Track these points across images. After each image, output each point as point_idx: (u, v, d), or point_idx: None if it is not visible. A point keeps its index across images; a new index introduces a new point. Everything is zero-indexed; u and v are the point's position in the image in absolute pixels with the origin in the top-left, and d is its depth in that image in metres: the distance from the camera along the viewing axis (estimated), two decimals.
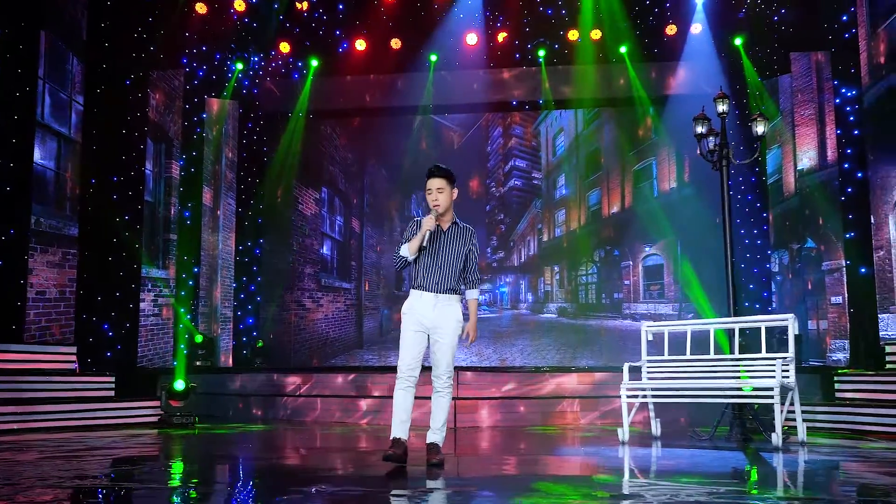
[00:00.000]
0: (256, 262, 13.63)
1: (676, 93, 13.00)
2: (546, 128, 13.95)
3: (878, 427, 8.02)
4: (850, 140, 10.82)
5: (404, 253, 5.62)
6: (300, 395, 10.94)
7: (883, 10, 9.84)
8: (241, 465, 6.30)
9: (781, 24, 12.33)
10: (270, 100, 13.97)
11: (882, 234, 9.84)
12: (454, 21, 13.25)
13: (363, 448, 7.55)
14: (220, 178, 13.28)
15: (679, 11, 12.65)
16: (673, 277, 13.09)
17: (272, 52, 13.73)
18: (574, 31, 13.08)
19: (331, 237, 13.89)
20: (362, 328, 13.61)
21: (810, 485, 4.76)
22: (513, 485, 5.01)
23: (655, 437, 7.84)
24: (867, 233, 10.14)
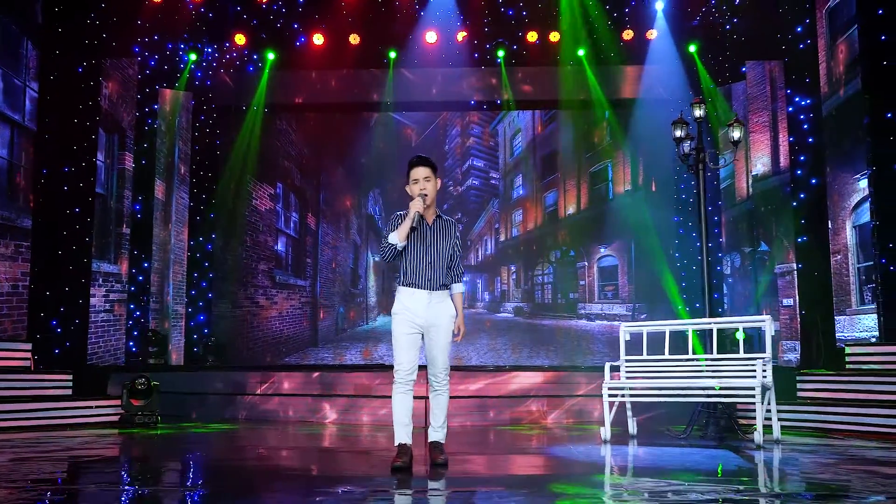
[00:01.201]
0: (209, 258, 13.34)
1: (634, 97, 13.24)
2: (504, 128, 14.04)
3: (842, 425, 8.31)
4: (805, 147, 11.19)
5: (393, 240, 5.39)
6: (265, 395, 10.76)
7: (841, 23, 10.20)
8: (215, 468, 6.16)
9: (734, 32, 12.66)
10: (225, 92, 13.69)
11: (839, 239, 10.21)
12: (414, 19, 13.22)
13: (349, 448, 7.48)
14: (173, 171, 12.95)
15: (639, 16, 12.88)
16: (627, 278, 13.33)
17: (227, 43, 13.45)
18: (533, 33, 13.18)
19: (286, 233, 13.69)
20: (317, 326, 13.45)
21: (813, 481, 4.90)
22: (526, 485, 5.02)
23: (632, 435, 7.96)
24: (824, 237, 10.50)
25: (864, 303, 9.79)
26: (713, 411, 7.88)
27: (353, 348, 13.31)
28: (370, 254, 13.80)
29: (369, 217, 13.86)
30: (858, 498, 4.08)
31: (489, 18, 13.17)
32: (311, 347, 13.36)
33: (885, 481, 4.74)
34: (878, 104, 9.62)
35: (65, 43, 11.35)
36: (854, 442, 7.42)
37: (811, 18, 11.07)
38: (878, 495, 4.16)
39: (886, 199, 9.42)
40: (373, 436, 8.53)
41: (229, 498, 4.48)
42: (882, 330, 9.33)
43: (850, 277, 9.98)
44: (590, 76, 13.23)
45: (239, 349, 13.16)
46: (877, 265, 9.44)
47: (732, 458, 6.20)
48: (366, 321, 13.59)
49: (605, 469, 5.82)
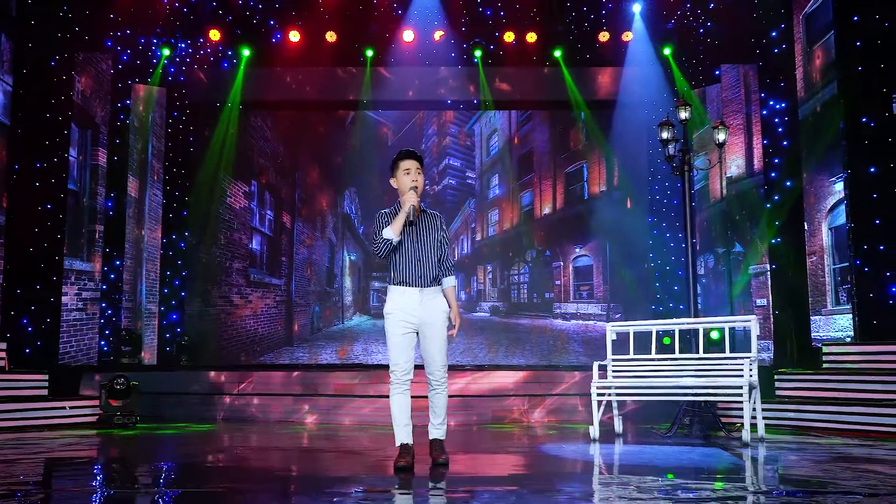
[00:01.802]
0: (182, 256, 13.17)
1: (610, 98, 13.34)
2: (480, 128, 14.06)
3: (819, 423, 8.48)
4: (779, 150, 11.39)
5: (388, 235, 5.28)
6: (244, 394, 10.67)
7: (818, 29, 10.39)
8: (207, 470, 6.09)
9: (708, 36, 12.83)
10: (199, 88, 13.52)
11: (815, 241, 10.40)
12: (391, 17, 13.18)
13: (346, 448, 7.44)
14: (146, 167, 12.76)
15: (617, 19, 12.98)
16: (602, 278, 13.44)
17: (201, 39, 13.29)
18: (510, 33, 13.22)
19: (260, 232, 13.56)
20: (293, 325, 13.35)
21: (811, 478, 4.98)
22: (529, 484, 5.03)
23: (618, 434, 8.04)
24: (799, 239, 10.69)
25: (839, 303, 9.98)
26: (697, 410, 7.98)
27: (329, 347, 13.24)
28: (346, 252, 13.74)
29: (345, 216, 13.79)
30: (856, 495, 4.17)
31: (467, 18, 13.18)
32: (285, 347, 13.25)
33: (880, 478, 4.84)
34: (854, 108, 9.81)
35: (38, 36, 11.14)
36: (835, 440, 7.57)
37: (787, 24, 11.26)
38: (871, 491, 4.25)
39: (861, 201, 9.62)
40: (359, 436, 8.50)
41: (231, 501, 4.44)
42: (857, 330, 9.53)
43: (825, 278, 10.17)
44: (567, 77, 13.31)
45: (212, 348, 13.01)
46: (851, 266, 9.63)
47: (726, 456, 6.28)
48: (341, 320, 13.52)
49: (603, 467, 5.86)
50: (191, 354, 12.66)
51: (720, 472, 5.39)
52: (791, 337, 10.71)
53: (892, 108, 9.47)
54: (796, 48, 10.85)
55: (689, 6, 12.74)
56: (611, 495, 4.24)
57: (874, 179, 9.56)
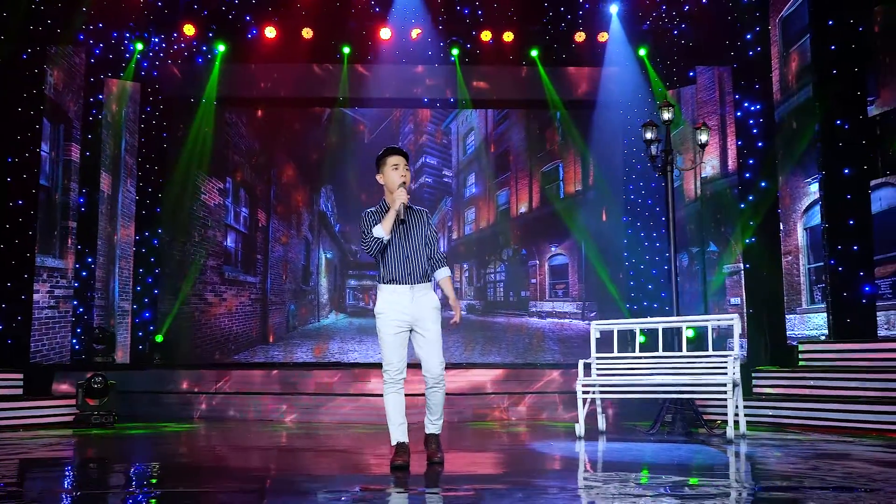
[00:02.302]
0: (155, 254, 12.99)
1: (586, 98, 13.43)
2: (457, 126, 14.07)
3: (796, 420, 8.65)
4: (754, 151, 11.53)
5: (378, 234, 5.25)
6: (223, 393, 10.59)
7: (794, 32, 10.57)
8: (196, 469, 6.04)
9: (683, 37, 12.96)
10: (173, 84, 13.36)
11: (791, 240, 10.57)
12: (368, 14, 13.14)
13: (326, 447, 7.41)
14: (119, 163, 12.59)
15: (594, 19, 13.05)
16: (578, 277, 13.53)
17: (175, 34, 13.12)
18: (487, 32, 13.24)
19: (235, 229, 13.44)
20: (268, 323, 13.25)
21: (803, 474, 5.07)
22: (523, 482, 5.06)
23: (602, 431, 8.11)
24: (773, 238, 10.86)
25: (814, 302, 10.16)
26: (679, 407, 8.08)
27: (305, 346, 13.17)
28: (322, 250, 13.67)
29: (321, 213, 13.72)
30: (851, 490, 4.26)
31: (444, 17, 13.17)
32: (260, 345, 13.16)
33: (872, 473, 4.95)
34: (829, 111, 10.00)
35: (9, 29, 10.93)
36: (813, 436, 7.71)
37: (762, 27, 11.42)
38: (871, 487, 4.35)
39: (836, 202, 9.80)
40: (342, 435, 8.48)
41: (232, 501, 4.40)
42: (831, 328, 9.71)
43: (800, 277, 10.35)
44: (543, 77, 13.37)
45: (186, 347, 12.87)
46: (826, 266, 9.81)
47: (714, 452, 6.38)
48: (317, 318, 13.46)
49: (599, 465, 5.90)
50: (164, 353, 12.55)
51: (714, 468, 5.47)
52: (765, 335, 10.87)
53: (866, 111, 9.67)
54: (773, 51, 11.02)
55: (665, 8, 12.86)
56: (613, 492, 4.28)
57: (848, 181, 9.76)
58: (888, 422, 7.91)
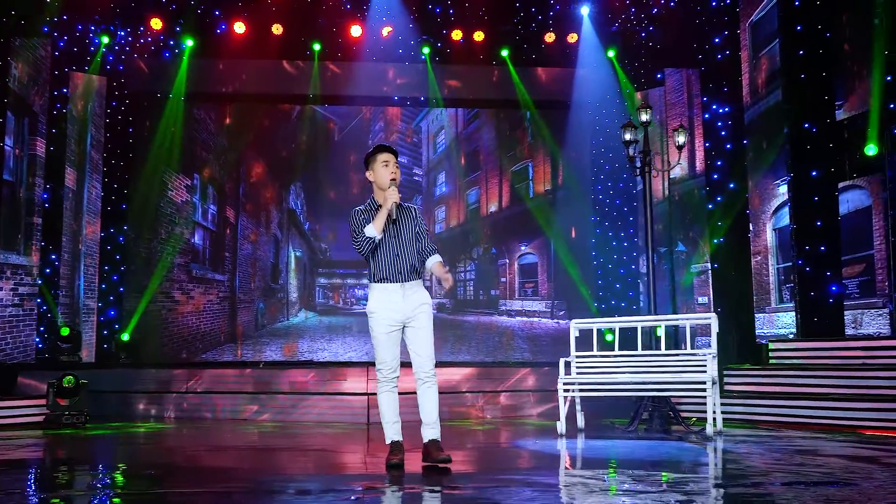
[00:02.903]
0: (121, 251, 12.78)
1: (556, 98, 13.53)
2: (427, 125, 14.08)
3: (768, 417, 8.84)
4: (722, 153, 11.75)
5: (371, 233, 5.23)
6: (194, 392, 10.47)
7: (763, 38, 10.79)
8: (183, 469, 5.97)
9: (651, 40, 13.15)
10: (139, 78, 13.15)
11: (760, 241, 10.79)
12: (339, 11, 13.09)
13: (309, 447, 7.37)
14: (85, 158, 12.36)
15: (565, 20, 13.16)
16: (547, 276, 13.64)
17: (141, 27, 12.94)
18: (458, 31, 13.28)
19: (203, 226, 13.27)
20: (236, 322, 13.11)
21: (792, 469, 5.20)
22: (516, 479, 5.10)
23: (581, 429, 8.19)
24: (742, 239, 11.07)
25: (783, 301, 10.39)
26: (657, 405, 8.20)
27: (274, 344, 13.06)
28: (292, 248, 13.57)
29: (291, 211, 13.62)
30: (839, 484, 4.38)
31: (415, 15, 13.17)
32: (229, 344, 13.02)
33: (857, 468, 5.09)
34: (797, 114, 10.24)
35: None
36: (786, 432, 7.89)
37: (730, 31, 11.64)
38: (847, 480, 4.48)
39: (804, 204, 10.04)
40: (321, 434, 8.44)
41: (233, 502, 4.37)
42: (799, 327, 9.94)
43: (769, 277, 10.57)
44: (514, 77, 13.45)
45: (152, 346, 12.67)
46: (794, 266, 10.04)
47: (699, 449, 6.49)
48: (286, 317, 13.36)
49: (590, 461, 5.97)
50: (130, 352, 12.35)
51: (706, 464, 5.57)
52: (732, 334, 11.08)
53: (834, 115, 9.91)
54: (743, 55, 11.23)
55: (634, 11, 13.03)
56: (614, 488, 4.34)
57: (816, 183, 10.00)
58: (858, 418, 8.14)
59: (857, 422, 8.15)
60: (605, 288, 13.35)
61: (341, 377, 10.35)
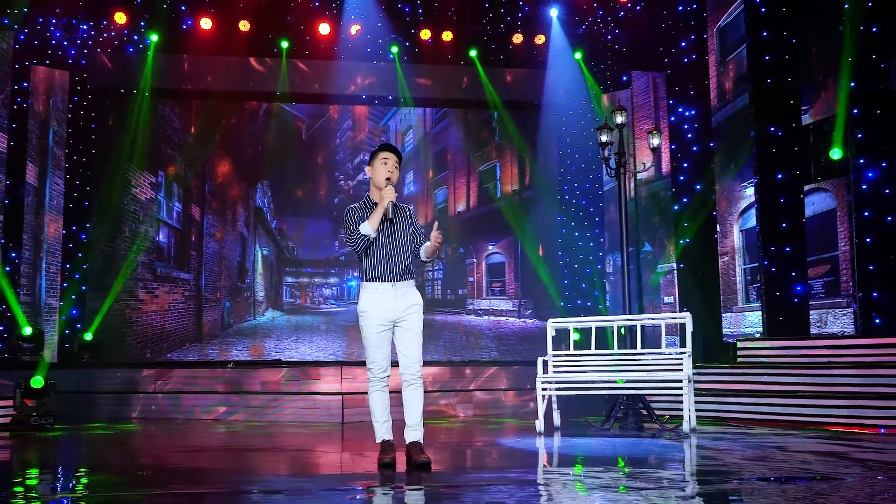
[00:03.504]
0: (83, 249, 12.55)
1: (524, 99, 13.64)
2: (395, 124, 14.09)
3: (737, 414, 9.02)
4: (688, 155, 11.96)
5: (366, 231, 5.19)
6: (162, 392, 10.33)
7: (731, 43, 11.01)
8: (172, 470, 5.91)
9: (617, 43, 13.34)
10: (103, 73, 12.95)
11: (727, 242, 11.01)
12: (307, 9, 13.02)
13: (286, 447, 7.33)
14: (47, 154, 12.11)
15: (534, 22, 13.26)
16: (514, 275, 13.74)
17: (105, 21, 12.73)
18: (426, 31, 13.31)
19: (168, 224, 13.10)
20: (202, 321, 12.97)
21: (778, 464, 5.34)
22: (508, 477, 5.14)
23: (557, 427, 8.27)
24: (709, 239, 11.27)
25: (749, 301, 10.61)
26: (632, 403, 8.32)
27: (240, 344, 12.95)
28: (258, 247, 13.47)
29: (258, 209, 13.51)
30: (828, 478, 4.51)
31: (384, 14, 13.16)
32: (194, 343, 12.87)
33: (843, 464, 5.24)
34: (763, 118, 10.45)
35: None
36: (758, 429, 8.07)
37: (697, 35, 11.84)
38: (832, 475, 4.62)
39: (770, 206, 10.25)
40: (299, 434, 8.40)
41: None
42: (765, 326, 10.16)
43: (736, 277, 10.79)
44: (482, 77, 13.52)
45: (117, 345, 12.48)
46: (760, 267, 10.26)
47: (680, 446, 6.60)
48: (253, 316, 13.26)
49: (577, 459, 6.03)
50: (93, 352, 12.13)
51: (693, 461, 5.68)
52: (700, 333, 11.26)
53: (800, 119, 10.15)
54: (710, 59, 11.44)
55: (601, 13, 13.19)
56: (623, 487, 4.40)
57: (782, 185, 10.22)
58: (825, 415, 8.35)
59: (823, 418, 8.35)
60: (571, 287, 13.50)
61: (315, 377, 10.29)
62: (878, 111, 9.42)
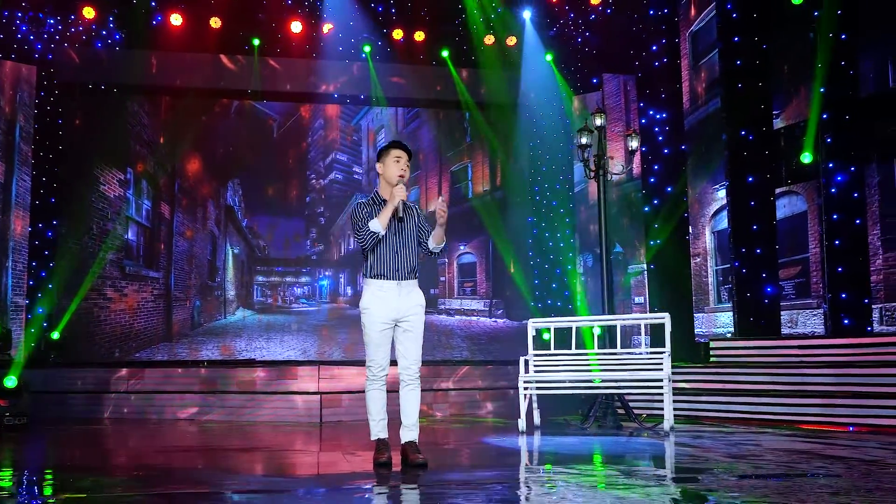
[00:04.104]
0: (50, 246, 12.30)
1: (494, 100, 13.68)
2: (367, 123, 14.06)
3: (711, 413, 9.20)
4: (659, 157, 12.12)
5: (375, 228, 5.24)
6: (136, 392, 10.24)
7: (703, 48, 11.21)
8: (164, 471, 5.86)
9: (587, 45, 13.46)
10: (71, 68, 12.71)
11: (699, 243, 11.20)
12: (280, 7, 12.94)
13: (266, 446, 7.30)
14: (14, 150, 11.87)
15: (505, 23, 13.32)
16: (485, 275, 13.81)
17: (72, 16, 12.52)
18: (399, 31, 13.31)
19: (137, 222, 12.91)
20: (171, 320, 12.81)
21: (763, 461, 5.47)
22: (501, 476, 5.20)
23: (536, 426, 8.36)
24: (680, 240, 11.45)
25: (721, 301, 10.81)
26: (610, 402, 8.44)
27: (210, 343, 12.82)
28: (229, 245, 13.35)
29: (228, 208, 13.39)
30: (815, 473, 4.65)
31: (356, 13, 13.13)
32: (164, 342, 12.71)
33: (827, 462, 5.39)
34: (735, 122, 10.65)
35: None
36: (734, 427, 8.25)
37: (668, 39, 12.00)
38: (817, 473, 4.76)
39: (741, 208, 10.46)
40: (280, 434, 8.37)
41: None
42: (736, 326, 10.36)
43: (708, 278, 10.98)
44: (454, 77, 13.56)
45: (85, 344, 12.26)
46: (732, 268, 10.46)
47: (664, 445, 6.72)
48: (224, 315, 13.14)
49: (568, 458, 6.11)
50: (60, 351, 11.93)
51: (684, 458, 5.79)
52: (672, 332, 11.42)
53: (771, 123, 10.37)
54: (683, 63, 11.62)
55: (573, 16, 13.30)
56: (613, 481, 4.48)
57: (753, 188, 10.43)
58: (796, 413, 8.57)
59: (795, 417, 8.57)
60: (542, 287, 13.60)
61: (291, 377, 10.24)
62: (847, 116, 9.68)
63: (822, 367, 8.79)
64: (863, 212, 9.45)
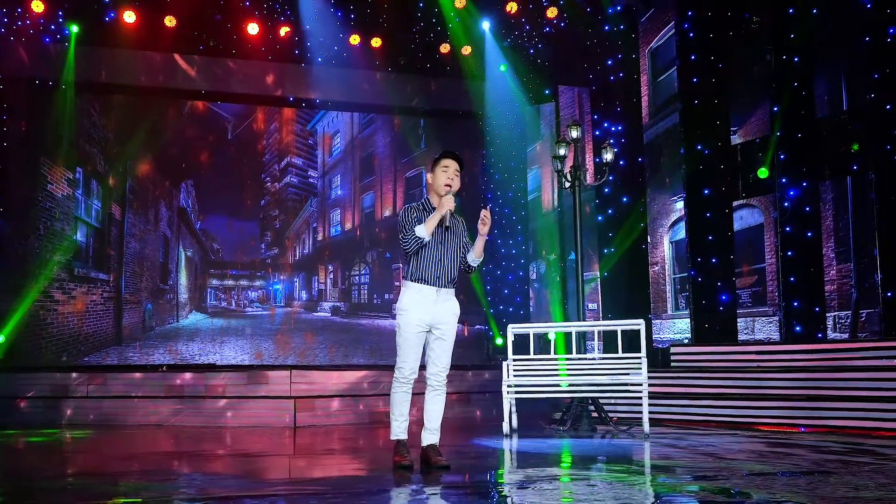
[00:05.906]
0: None
1: (450, 108, 13.84)
2: (323, 127, 14.03)
3: (673, 416, 9.56)
4: (614, 168, 12.45)
5: (420, 233, 5.37)
6: (93, 397, 9.96)
7: (661, 66, 11.63)
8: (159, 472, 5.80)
9: (539, 57, 13.75)
10: (17, 63, 12.28)
11: (658, 252, 11.60)
12: (237, 8, 12.78)
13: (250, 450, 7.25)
14: None
15: (463, 32, 13.47)
16: None
17: (19, 9, 12.11)
18: (356, 36, 13.32)
19: (86, 223, 12.54)
20: (121, 323, 12.49)
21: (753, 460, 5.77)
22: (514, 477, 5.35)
23: (514, 429, 8.52)
24: (638, 249, 11.83)
25: (678, 308, 11.22)
26: (587, 406, 8.69)
27: (162, 347, 12.56)
28: (182, 248, 13.11)
29: (181, 210, 13.14)
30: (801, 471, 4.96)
31: (315, 16, 13.08)
32: (114, 346, 12.39)
33: (813, 459, 5.72)
34: (692, 137, 11.10)
35: None
36: (701, 429, 8.60)
37: (624, 54, 12.38)
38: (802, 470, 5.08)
39: (697, 219, 10.90)
40: (255, 435, 8.30)
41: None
42: (693, 332, 10.79)
43: (666, 286, 11.38)
44: (410, 84, 13.65)
45: (31, 348, 11.83)
46: (689, 277, 10.89)
47: (645, 446, 6.98)
48: (176, 319, 12.89)
49: (563, 459, 6.29)
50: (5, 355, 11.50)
51: (673, 460, 6.04)
52: (626, 339, 11.79)
53: (729, 138, 10.84)
54: (643, 79, 12.01)
55: (528, 28, 13.56)
56: (612, 480, 4.68)
57: (709, 201, 10.89)
58: (755, 416, 9.00)
59: (754, 419, 9.00)
60: (494, 293, 13.81)
61: (263, 381, 10.14)
62: (800, 135, 10.21)
63: (778, 372, 9.25)
64: (816, 225, 9.98)
